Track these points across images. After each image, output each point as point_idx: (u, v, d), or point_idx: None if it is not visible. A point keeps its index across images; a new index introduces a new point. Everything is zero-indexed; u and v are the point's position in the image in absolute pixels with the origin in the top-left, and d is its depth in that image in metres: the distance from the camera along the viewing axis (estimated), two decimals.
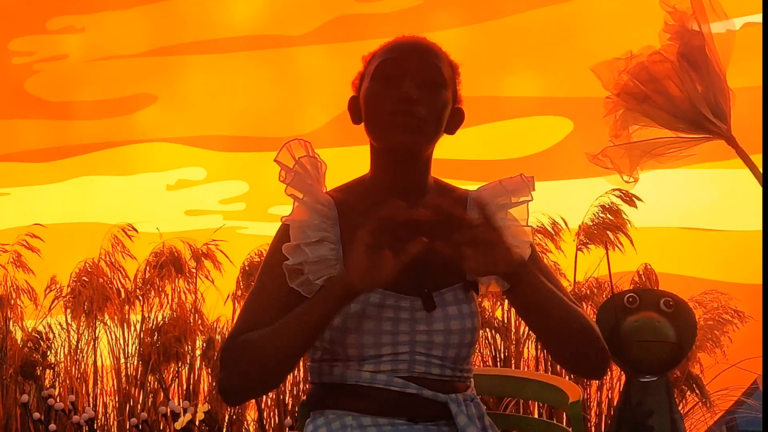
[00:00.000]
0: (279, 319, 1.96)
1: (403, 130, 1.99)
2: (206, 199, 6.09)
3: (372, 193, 2.08)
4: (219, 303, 5.21)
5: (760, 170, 2.34)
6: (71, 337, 5.35)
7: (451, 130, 2.11)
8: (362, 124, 2.09)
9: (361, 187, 2.12)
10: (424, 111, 2.00)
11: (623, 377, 2.51)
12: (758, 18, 4.63)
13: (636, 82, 2.37)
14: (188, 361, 5.15)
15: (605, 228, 4.58)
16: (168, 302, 5.24)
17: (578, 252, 4.71)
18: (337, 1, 5.92)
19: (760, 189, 2.34)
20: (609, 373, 4.70)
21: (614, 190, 4.55)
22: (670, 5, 2.38)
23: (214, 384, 5.03)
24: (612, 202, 4.61)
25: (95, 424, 5.01)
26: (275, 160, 2.05)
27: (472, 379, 2.14)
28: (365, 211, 2.05)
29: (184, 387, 5.18)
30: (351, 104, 2.13)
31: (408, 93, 1.98)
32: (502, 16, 5.56)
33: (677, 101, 2.37)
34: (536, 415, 4.65)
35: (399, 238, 1.85)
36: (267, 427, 5.00)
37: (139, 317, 5.27)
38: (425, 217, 1.83)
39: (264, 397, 4.98)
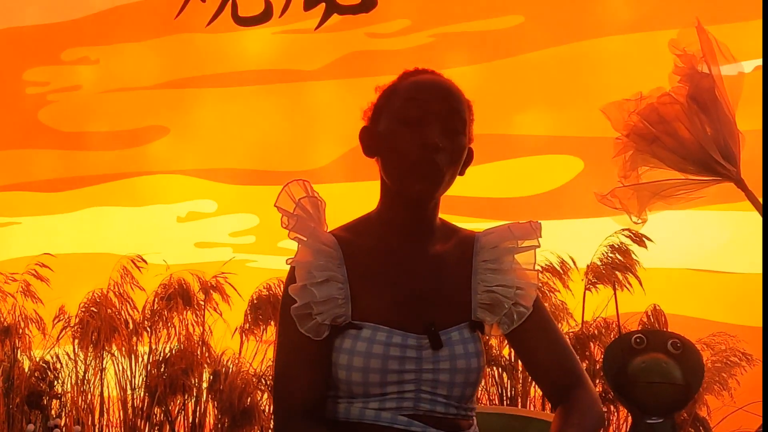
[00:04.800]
0: (313, 371, 2.00)
1: (423, 179, 2.00)
2: (216, 232, 6.10)
3: (379, 230, 2.09)
4: (227, 336, 5.20)
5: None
6: (78, 368, 5.36)
7: (462, 171, 2.12)
8: (374, 158, 2.10)
9: (368, 224, 2.12)
10: (445, 160, 2.00)
11: (630, 419, 2.50)
12: None
13: (645, 123, 2.38)
14: (194, 394, 5.15)
15: (614, 268, 4.58)
16: (176, 334, 5.24)
17: (586, 291, 4.71)
18: (350, 38, 5.95)
19: None
20: (616, 414, 4.69)
21: (624, 230, 4.55)
22: (680, 48, 2.38)
23: (219, 417, 5.02)
24: (621, 242, 4.61)
25: None
26: (275, 206, 2.05)
27: (474, 417, 2.14)
28: (372, 249, 2.06)
29: (190, 420, 5.17)
30: (363, 135, 2.12)
31: (433, 140, 1.98)
32: (513, 55, 5.56)
33: (687, 143, 2.37)
34: None
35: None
36: None
37: (147, 349, 5.27)
38: None
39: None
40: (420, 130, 1.99)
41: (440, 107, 2.02)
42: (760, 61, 4.55)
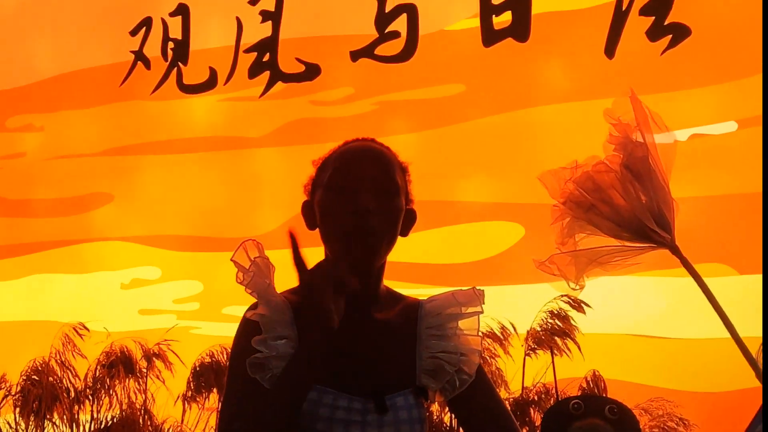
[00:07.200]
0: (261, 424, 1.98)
1: (359, 246, 2.01)
2: (160, 299, 6.07)
3: None
4: (169, 403, 5.17)
5: (703, 278, 2.37)
6: None
7: (404, 232, 2.12)
8: (317, 229, 2.11)
9: None
10: (379, 224, 2.01)
11: None
12: (704, 129, 4.75)
13: (581, 191, 2.39)
14: None
15: (553, 333, 4.62)
16: (117, 402, 5.20)
17: (527, 357, 4.74)
18: (294, 105, 5.98)
19: (704, 298, 2.37)
20: None
21: (563, 296, 4.59)
22: (614, 117, 2.41)
23: None
24: (561, 308, 4.65)
25: None
26: (232, 260, 2.05)
27: None
28: None
29: None
30: (304, 209, 2.13)
31: (364, 205, 1.99)
32: (454, 123, 5.60)
33: (621, 211, 2.38)
34: None
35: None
36: None
37: (88, 417, 5.23)
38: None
39: None
40: (351, 196, 2.01)
41: (370, 172, 2.04)
42: (693, 130, 4.67)
